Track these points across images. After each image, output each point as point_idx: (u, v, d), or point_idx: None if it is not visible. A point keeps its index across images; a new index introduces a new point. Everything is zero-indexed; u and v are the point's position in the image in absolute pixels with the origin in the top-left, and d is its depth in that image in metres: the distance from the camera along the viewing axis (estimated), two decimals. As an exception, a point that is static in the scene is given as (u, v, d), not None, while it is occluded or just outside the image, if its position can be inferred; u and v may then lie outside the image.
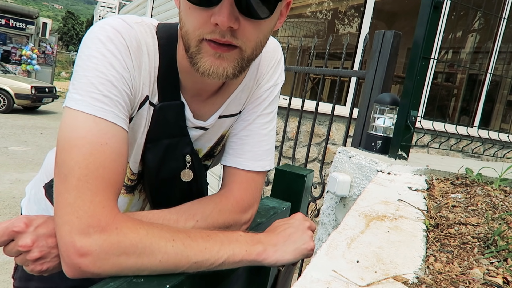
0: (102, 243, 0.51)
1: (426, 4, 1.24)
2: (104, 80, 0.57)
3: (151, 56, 0.65)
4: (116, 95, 0.58)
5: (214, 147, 0.81)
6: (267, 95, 0.79)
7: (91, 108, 0.55)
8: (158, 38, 0.66)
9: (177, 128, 0.71)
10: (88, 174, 0.53)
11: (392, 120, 1.37)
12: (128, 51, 0.60)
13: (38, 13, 16.75)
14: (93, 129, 0.55)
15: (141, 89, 0.64)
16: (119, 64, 0.59)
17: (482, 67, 3.88)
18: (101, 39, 0.58)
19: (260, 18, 0.58)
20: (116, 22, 0.60)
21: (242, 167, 0.75)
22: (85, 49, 0.59)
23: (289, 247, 0.66)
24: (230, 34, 0.56)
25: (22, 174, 4.72)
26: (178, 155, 0.73)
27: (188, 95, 0.71)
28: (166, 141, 0.71)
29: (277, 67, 0.81)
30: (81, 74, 0.57)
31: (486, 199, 0.92)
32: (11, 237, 0.54)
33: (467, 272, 0.54)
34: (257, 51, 0.63)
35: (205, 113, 0.74)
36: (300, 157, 3.27)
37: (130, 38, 0.61)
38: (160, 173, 0.73)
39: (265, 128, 0.79)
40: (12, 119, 8.82)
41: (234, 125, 0.80)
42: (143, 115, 0.67)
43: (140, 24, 0.64)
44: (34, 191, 0.86)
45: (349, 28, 6.14)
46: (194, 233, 0.59)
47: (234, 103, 0.77)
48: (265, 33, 0.62)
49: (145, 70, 0.64)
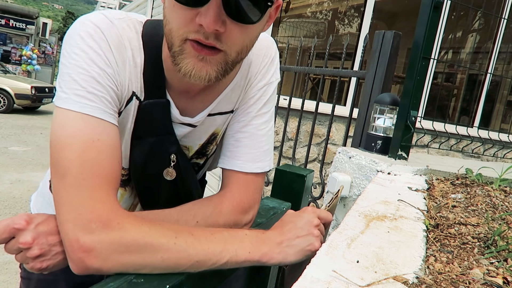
0: (104, 238, 0.51)
1: (426, 4, 1.24)
2: (87, 77, 0.56)
3: (135, 52, 0.63)
4: (100, 91, 0.57)
5: (205, 145, 0.80)
6: (261, 94, 0.77)
7: (77, 105, 0.55)
8: (143, 34, 0.65)
9: (162, 127, 0.70)
10: (84, 171, 0.53)
11: (392, 120, 1.37)
12: (109, 46, 0.59)
13: (38, 13, 16.77)
14: (82, 127, 0.55)
15: (127, 85, 0.63)
16: (101, 60, 0.58)
17: (482, 67, 3.89)
18: (81, 35, 0.58)
19: (249, 23, 0.56)
20: (97, 18, 0.60)
21: (240, 169, 0.74)
22: (67, 45, 0.58)
23: (293, 248, 0.65)
24: (214, 36, 0.54)
25: (22, 174, 4.72)
26: (164, 153, 0.72)
27: (175, 92, 0.70)
28: (151, 138, 0.70)
29: (270, 65, 0.78)
30: (64, 71, 0.57)
31: (486, 199, 0.92)
32: (12, 235, 0.54)
33: (467, 272, 0.54)
34: (243, 54, 0.61)
35: (193, 110, 0.73)
36: (300, 157, 3.27)
37: (111, 33, 0.60)
38: (146, 170, 0.72)
39: (263, 129, 0.77)
40: (12, 119, 8.82)
41: (229, 125, 0.78)
42: (130, 111, 0.66)
43: (123, 20, 0.63)
44: (42, 184, 0.87)
45: (349, 28, 6.14)
46: (198, 231, 0.59)
47: (224, 101, 0.75)
48: (252, 37, 0.60)
49: (130, 66, 0.63)
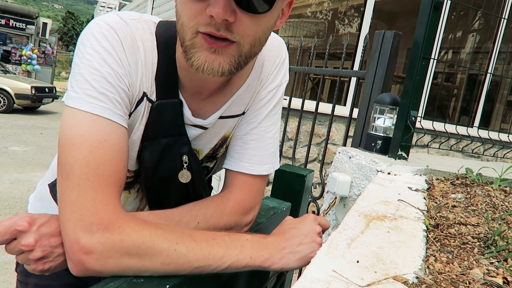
0: (104, 241, 0.51)
1: (426, 4, 1.24)
2: (99, 77, 0.56)
3: (147, 53, 0.64)
4: (111, 91, 0.57)
5: (216, 149, 0.79)
6: (271, 96, 0.77)
7: (88, 105, 0.55)
8: (157, 35, 0.65)
9: (175, 127, 0.70)
10: (89, 172, 0.53)
11: (392, 120, 1.37)
12: (122, 47, 0.59)
13: (38, 13, 16.76)
14: (91, 127, 0.55)
15: (138, 86, 0.63)
16: (113, 61, 0.58)
17: (482, 67, 3.89)
18: (95, 36, 0.58)
19: (258, 12, 0.55)
20: (111, 19, 0.60)
21: (248, 171, 0.74)
22: (81, 46, 0.59)
23: (296, 255, 0.65)
24: (225, 28, 0.54)
25: (22, 174, 4.72)
26: (175, 154, 0.72)
27: (188, 93, 0.70)
28: (163, 140, 0.70)
29: (281, 67, 0.79)
30: (76, 71, 0.57)
31: (486, 199, 0.92)
32: (13, 236, 0.54)
33: (467, 272, 0.53)
34: (256, 48, 0.61)
35: (205, 112, 0.72)
36: (300, 157, 3.27)
37: (125, 34, 0.60)
38: (157, 172, 0.72)
39: (270, 131, 0.77)
40: (12, 119, 8.82)
41: (237, 127, 0.77)
42: (140, 111, 0.66)
43: (137, 20, 0.64)
44: (40, 188, 0.87)
45: (349, 28, 6.14)
46: (199, 236, 0.58)
47: (236, 104, 0.75)
48: (264, 29, 0.60)
49: (142, 67, 0.63)
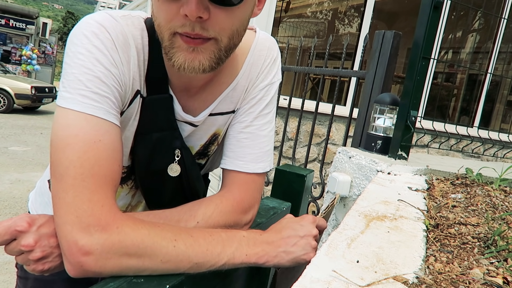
0: (103, 242, 0.51)
1: (426, 4, 1.24)
2: (92, 77, 0.56)
3: (139, 49, 0.63)
4: (105, 91, 0.57)
5: (207, 145, 0.80)
6: (263, 94, 0.77)
7: (81, 105, 0.55)
8: (148, 30, 0.65)
9: (166, 122, 0.70)
10: (84, 172, 0.53)
11: (392, 120, 1.37)
12: (114, 46, 0.59)
13: (38, 13, 16.77)
14: (85, 127, 0.54)
15: (131, 84, 0.63)
16: (106, 60, 0.58)
17: (482, 67, 3.89)
18: (86, 35, 0.57)
19: (232, 5, 0.55)
20: (101, 17, 0.60)
21: (242, 169, 0.74)
22: (71, 45, 0.58)
23: (288, 255, 0.66)
24: (200, 26, 0.54)
25: (22, 174, 4.72)
26: (168, 148, 0.72)
27: (177, 90, 0.70)
28: (155, 134, 0.70)
29: (273, 66, 0.79)
30: (68, 71, 0.57)
31: (486, 199, 0.92)
32: (13, 236, 0.53)
33: (467, 272, 0.53)
34: (235, 40, 0.61)
35: (195, 109, 0.73)
36: (300, 157, 3.27)
37: (116, 32, 0.60)
38: (150, 167, 0.72)
39: (265, 129, 0.77)
40: (12, 119, 8.82)
41: (231, 126, 0.78)
42: (134, 109, 0.66)
43: (127, 17, 0.63)
44: (40, 185, 0.87)
45: (349, 28, 6.14)
46: (197, 233, 0.59)
47: (226, 102, 0.75)
48: (241, 20, 0.59)
49: (134, 65, 0.63)
